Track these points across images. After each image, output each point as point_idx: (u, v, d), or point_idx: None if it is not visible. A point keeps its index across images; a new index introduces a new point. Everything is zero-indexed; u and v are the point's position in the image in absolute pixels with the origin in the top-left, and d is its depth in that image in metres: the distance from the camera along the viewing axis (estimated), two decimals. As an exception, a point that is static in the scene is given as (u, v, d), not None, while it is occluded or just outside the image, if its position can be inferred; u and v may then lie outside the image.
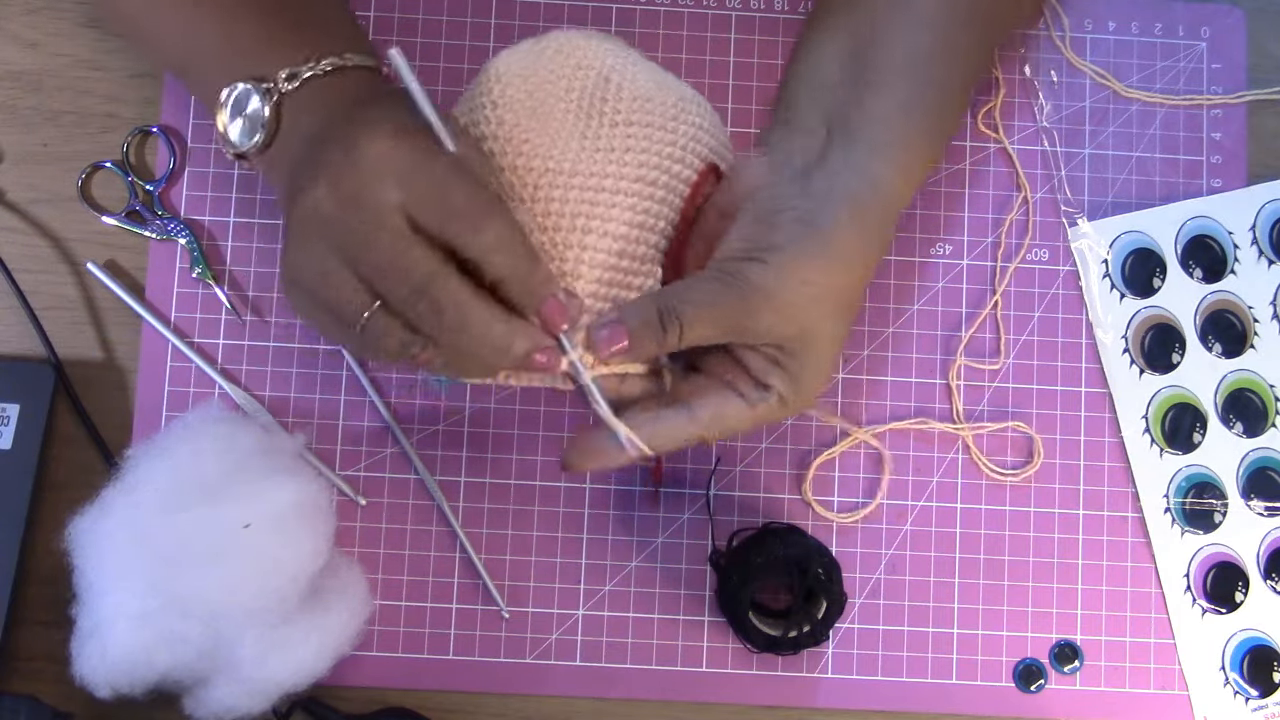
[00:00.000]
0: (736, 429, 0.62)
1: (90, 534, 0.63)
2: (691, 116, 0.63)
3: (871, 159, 0.63)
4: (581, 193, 0.60)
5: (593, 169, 0.60)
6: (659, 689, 0.70)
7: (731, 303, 0.59)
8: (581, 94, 0.61)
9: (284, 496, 0.63)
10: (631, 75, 0.62)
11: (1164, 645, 0.71)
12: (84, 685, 0.62)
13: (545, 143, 0.60)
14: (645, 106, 0.62)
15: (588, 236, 0.60)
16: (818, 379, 0.62)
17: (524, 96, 0.61)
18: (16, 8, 0.74)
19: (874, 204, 0.62)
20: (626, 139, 0.61)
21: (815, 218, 0.61)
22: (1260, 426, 0.73)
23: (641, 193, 0.61)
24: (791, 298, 0.60)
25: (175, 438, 0.66)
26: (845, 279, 0.61)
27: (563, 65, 0.62)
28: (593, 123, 0.61)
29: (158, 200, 0.72)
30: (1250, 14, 0.76)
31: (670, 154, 0.62)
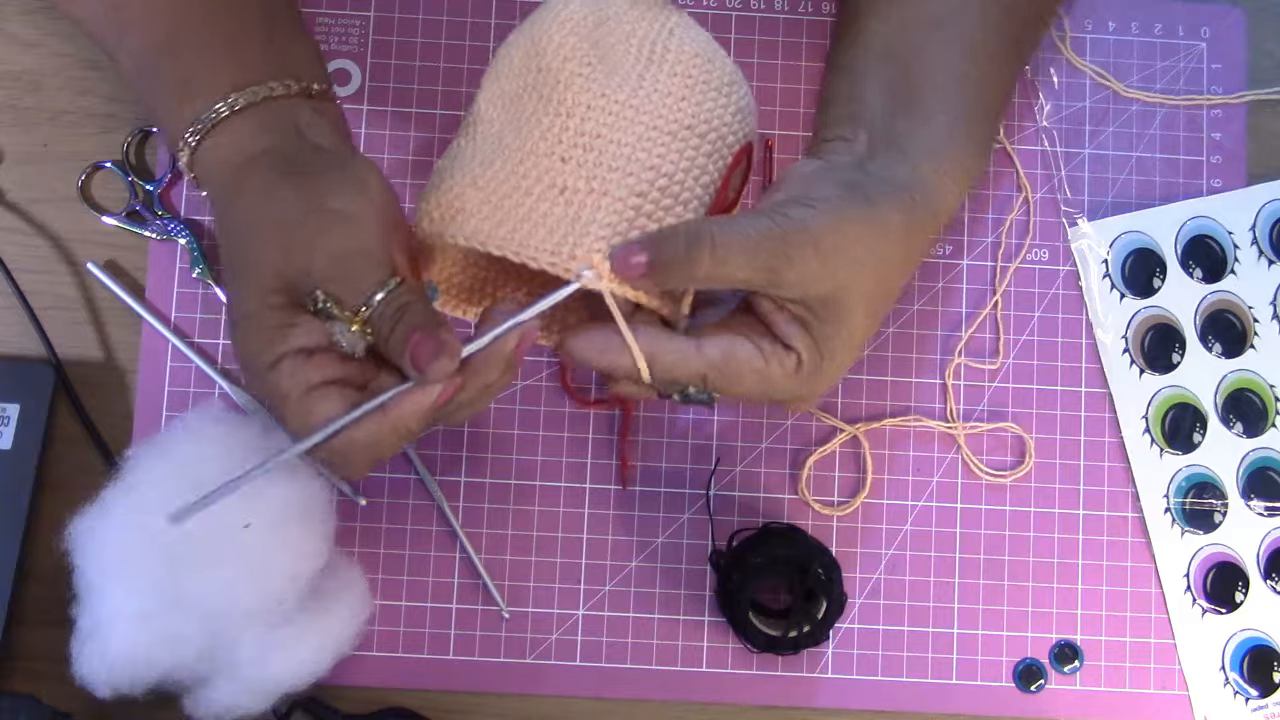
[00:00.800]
0: (746, 384, 0.59)
1: (90, 534, 0.63)
2: (741, 92, 0.64)
3: (922, 164, 0.63)
4: (632, 125, 0.59)
5: (647, 105, 0.60)
6: (659, 689, 0.70)
7: (773, 237, 0.56)
8: (645, 39, 0.62)
9: (284, 496, 0.63)
10: (694, 34, 0.63)
11: (1164, 645, 0.71)
12: (84, 685, 0.62)
13: (604, 70, 0.60)
14: (705, 66, 0.62)
15: (631, 165, 0.59)
16: (838, 358, 0.59)
17: (590, 26, 0.61)
18: (16, 8, 0.74)
19: (922, 202, 0.61)
20: (684, 88, 0.61)
21: (866, 189, 0.60)
22: (1260, 426, 0.73)
23: (690, 140, 0.60)
24: (832, 246, 0.57)
25: (175, 438, 0.65)
26: (889, 253, 0.60)
27: (629, 10, 0.62)
28: (651, 67, 0.61)
29: (158, 200, 0.72)
30: (1250, 14, 0.76)
31: (720, 116, 0.62)
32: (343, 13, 0.74)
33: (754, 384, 0.59)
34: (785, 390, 0.59)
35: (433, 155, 0.73)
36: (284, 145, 0.59)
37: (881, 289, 0.60)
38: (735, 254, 0.56)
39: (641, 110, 0.60)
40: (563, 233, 0.58)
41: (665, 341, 0.58)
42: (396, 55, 0.74)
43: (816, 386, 0.60)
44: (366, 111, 0.73)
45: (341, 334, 0.55)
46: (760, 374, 0.58)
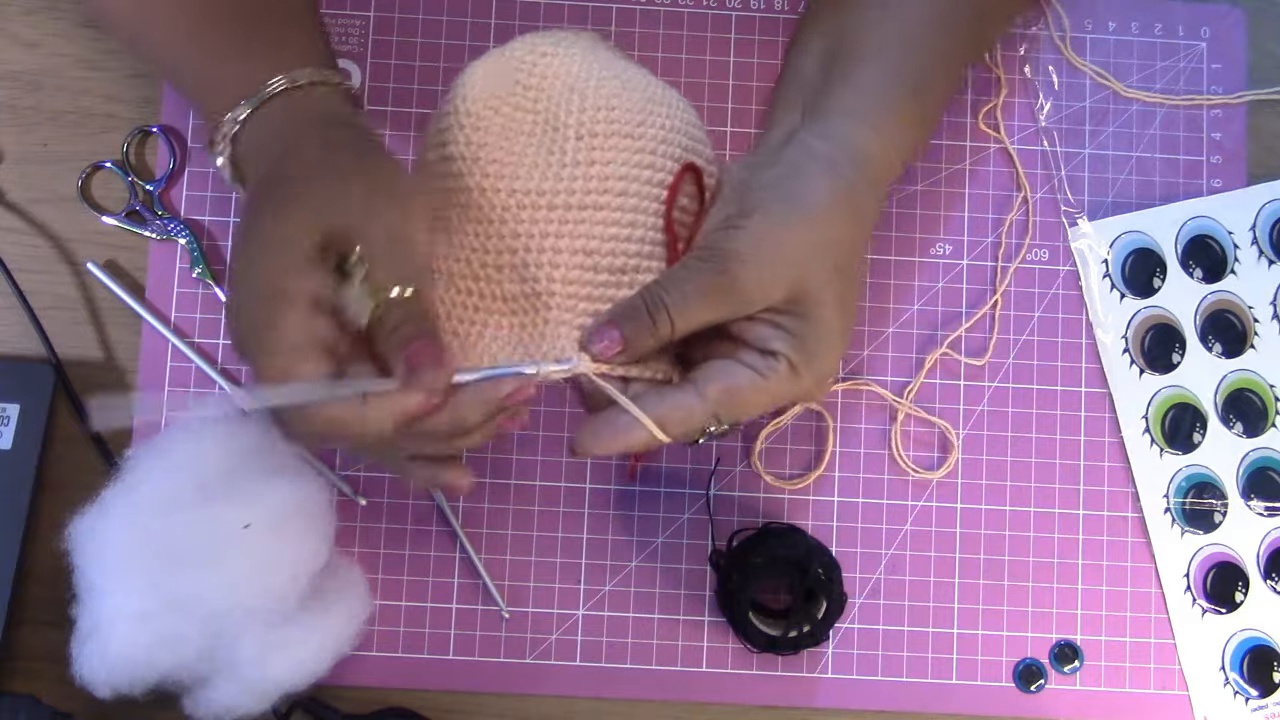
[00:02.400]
0: (753, 404, 0.60)
1: (90, 534, 0.63)
2: (659, 119, 0.63)
3: (843, 126, 0.63)
4: (549, 211, 0.61)
5: (559, 186, 0.61)
6: (659, 689, 0.70)
7: (712, 276, 0.59)
8: (548, 105, 0.62)
9: (284, 496, 0.63)
10: (597, 83, 0.62)
11: (1164, 645, 0.71)
12: (84, 685, 0.62)
13: (511, 162, 0.61)
14: (609, 115, 0.61)
15: (559, 255, 0.60)
16: (828, 345, 0.60)
17: (490, 114, 0.62)
18: (16, 8, 0.74)
19: (849, 165, 0.62)
20: (591, 151, 0.61)
21: (786, 182, 0.61)
22: (1260, 426, 0.73)
23: (610, 204, 0.61)
24: (770, 256, 0.59)
25: (175, 438, 0.65)
26: (828, 236, 0.60)
27: (529, 77, 0.62)
28: (558, 136, 0.61)
29: (158, 200, 0.72)
30: (1250, 14, 0.76)
31: (639, 160, 0.62)
32: (343, 13, 0.74)
33: (760, 401, 0.60)
34: (791, 393, 0.60)
35: (433, 155, 0.73)
36: (352, 121, 0.61)
37: (837, 265, 0.61)
38: (689, 305, 0.59)
39: (555, 194, 0.61)
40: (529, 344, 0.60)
41: (666, 401, 0.60)
42: (396, 55, 0.74)
43: (819, 377, 0.61)
44: (366, 112, 0.73)
45: (355, 298, 0.55)
46: (761, 390, 0.60)
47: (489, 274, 0.61)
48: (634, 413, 0.59)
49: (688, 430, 0.60)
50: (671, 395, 0.60)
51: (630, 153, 0.61)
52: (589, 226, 0.61)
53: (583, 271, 0.60)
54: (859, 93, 0.64)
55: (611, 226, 0.61)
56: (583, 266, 0.60)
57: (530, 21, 0.74)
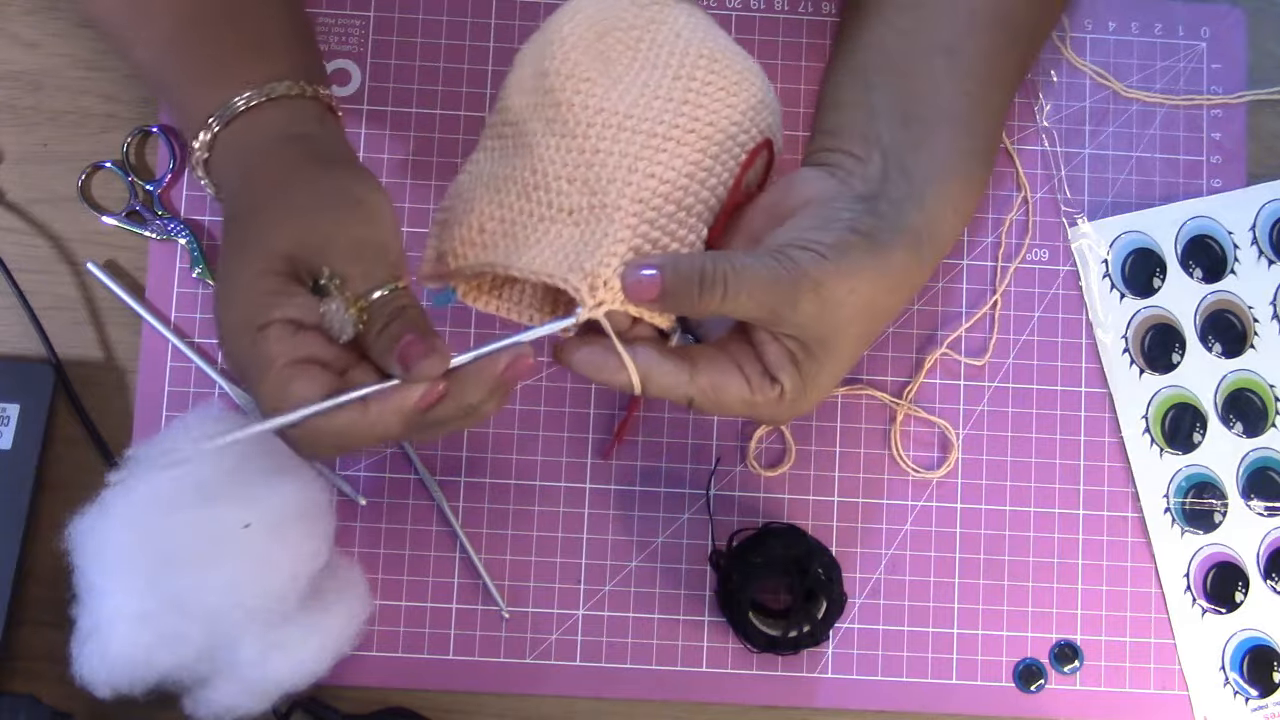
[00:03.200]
0: (732, 409, 0.61)
1: (90, 534, 0.63)
2: (755, 88, 0.63)
3: (929, 196, 0.63)
4: (633, 135, 0.60)
5: (648, 114, 0.61)
6: (659, 689, 0.70)
7: (781, 282, 0.58)
8: (651, 45, 0.62)
9: (283, 497, 0.63)
10: (704, 35, 0.63)
11: (1164, 645, 0.71)
12: (84, 685, 0.62)
13: (605, 84, 0.61)
14: (712, 66, 0.62)
15: (633, 175, 0.60)
16: (822, 389, 0.61)
17: (593, 38, 0.62)
18: (16, 8, 0.74)
19: (929, 238, 0.63)
20: (687, 92, 0.61)
21: (877, 234, 0.61)
22: (1260, 426, 0.73)
23: (694, 144, 0.61)
24: (836, 295, 0.59)
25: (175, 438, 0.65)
26: (888, 301, 0.62)
27: (635, 17, 0.63)
28: (656, 73, 0.62)
29: (158, 200, 0.72)
30: (1250, 14, 0.76)
31: (729, 115, 0.62)
32: (343, 13, 0.74)
33: (740, 410, 0.61)
34: (766, 416, 0.62)
35: (433, 155, 0.73)
36: (315, 136, 0.61)
37: (874, 328, 0.62)
38: (744, 295, 0.58)
39: (642, 119, 0.60)
40: (575, 257, 0.59)
41: (660, 363, 0.60)
42: (396, 55, 0.74)
43: (795, 412, 0.62)
44: (366, 111, 0.73)
45: (335, 314, 0.56)
46: (746, 403, 0.60)
47: (560, 186, 0.61)
48: (625, 359, 0.59)
49: (664, 395, 0.60)
50: (665, 363, 0.60)
51: (724, 106, 0.62)
52: (669, 157, 0.60)
53: (653, 196, 0.60)
54: (944, 166, 0.65)
55: (689, 165, 0.61)
56: (655, 192, 0.60)
57: (530, 21, 0.74)
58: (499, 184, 0.62)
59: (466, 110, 0.74)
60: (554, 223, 0.61)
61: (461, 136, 0.73)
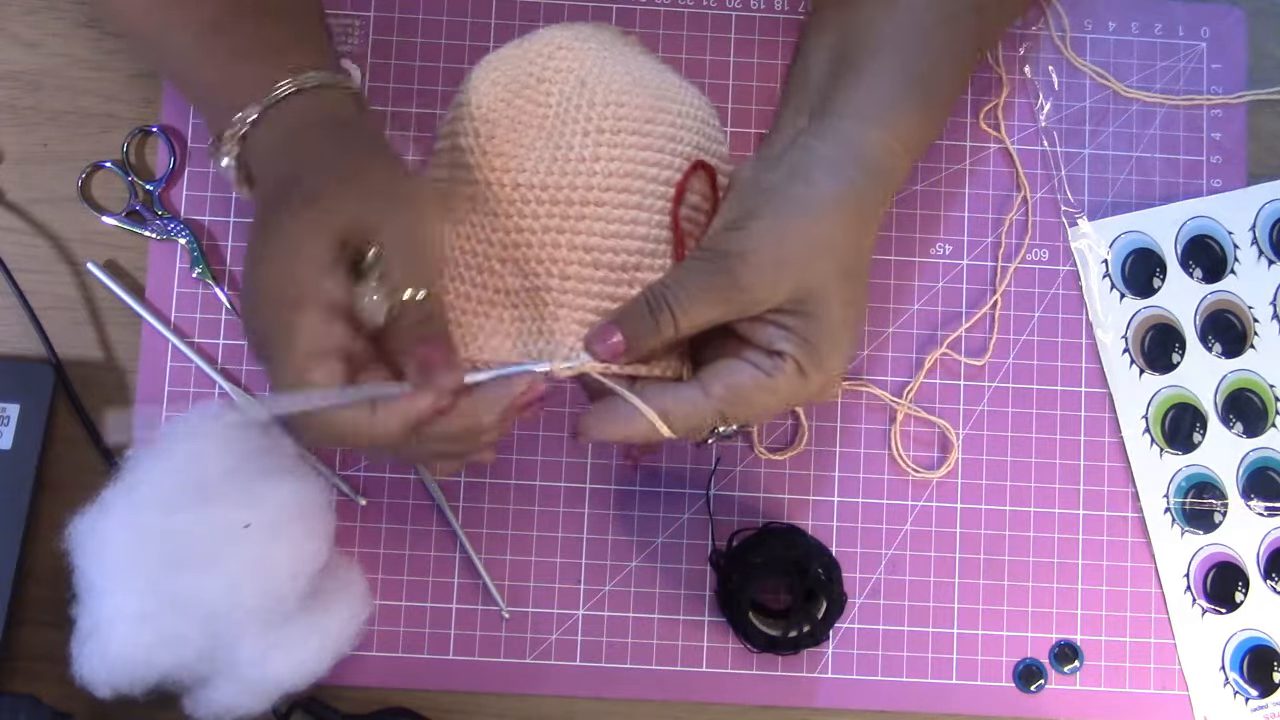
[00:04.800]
0: (759, 404, 0.60)
1: (90, 534, 0.63)
2: (669, 116, 0.63)
3: (846, 126, 0.63)
4: (552, 206, 0.61)
5: (562, 181, 0.61)
6: (659, 689, 0.70)
7: (716, 276, 0.59)
8: (559, 100, 0.62)
9: (284, 497, 0.63)
10: (609, 77, 0.62)
11: (1164, 645, 0.71)
12: (84, 685, 0.62)
13: (519, 155, 0.61)
14: (618, 112, 0.61)
15: (558, 250, 0.61)
16: (835, 344, 0.60)
17: (502, 106, 0.62)
18: (16, 8, 0.74)
19: (852, 165, 0.62)
20: (597, 147, 0.61)
21: (789, 184, 0.61)
22: (1260, 426, 0.73)
23: (612, 201, 0.61)
24: (773, 258, 0.59)
25: (175, 438, 0.65)
26: (834, 236, 0.60)
27: (542, 69, 0.62)
28: (566, 130, 0.61)
29: (158, 200, 0.72)
30: (1250, 14, 0.76)
31: (645, 158, 0.61)
32: (343, 13, 0.74)
33: (767, 401, 0.60)
34: (798, 394, 0.60)
35: (433, 155, 0.73)
36: (361, 125, 0.61)
37: (843, 267, 0.61)
38: (692, 305, 0.59)
39: (559, 189, 0.61)
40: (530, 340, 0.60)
41: (672, 395, 0.60)
42: (396, 55, 0.74)
43: (827, 376, 0.60)
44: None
45: (369, 299, 0.55)
46: (767, 389, 0.59)
47: (492, 267, 0.61)
48: (635, 403, 0.59)
49: (692, 426, 0.60)
50: (676, 390, 0.60)
51: (636, 149, 0.61)
52: (589, 223, 0.61)
53: (582, 268, 0.60)
54: (862, 92, 0.64)
55: (613, 224, 0.61)
56: (582, 263, 0.60)
57: (530, 21, 0.74)
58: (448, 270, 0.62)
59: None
60: (494, 306, 0.62)
61: (461, 136, 0.73)
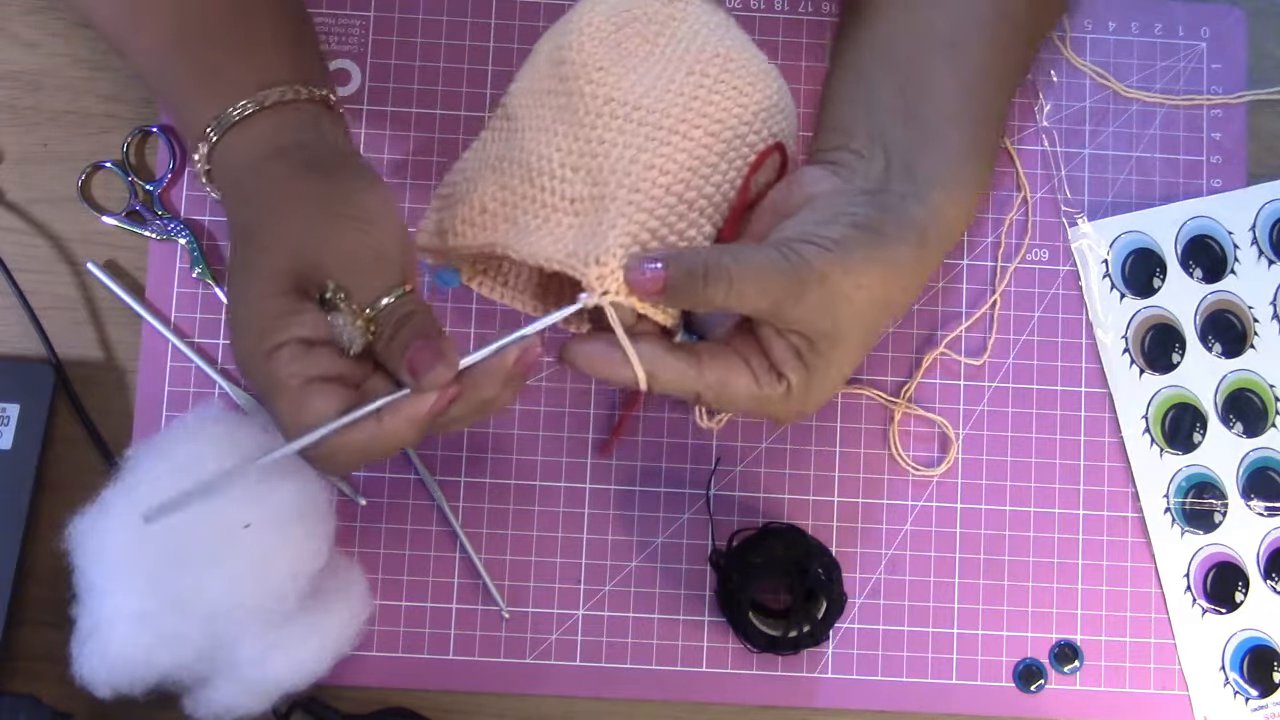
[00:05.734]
0: (739, 405, 0.61)
1: (90, 534, 0.63)
2: (769, 90, 0.63)
3: (934, 196, 0.63)
4: (639, 126, 0.60)
5: (656, 106, 0.61)
6: (659, 689, 0.70)
7: (785, 274, 0.57)
8: (670, 40, 0.63)
9: (284, 496, 0.63)
10: (720, 35, 0.63)
11: (1164, 645, 0.71)
12: (84, 685, 0.62)
13: (617, 74, 0.61)
14: (726, 65, 0.62)
15: (634, 166, 0.60)
16: (829, 385, 0.61)
17: (611, 29, 0.62)
18: (16, 8, 0.74)
19: (935, 239, 0.63)
20: (698, 89, 0.61)
21: (882, 229, 0.61)
22: (1260, 426, 0.73)
23: (700, 139, 0.61)
24: (840, 288, 0.58)
25: (175, 438, 0.65)
26: (893, 297, 0.61)
27: (659, 11, 0.63)
28: (670, 66, 0.62)
29: (158, 200, 0.72)
30: (1250, 14, 0.76)
31: (739, 115, 0.62)
32: (343, 13, 0.74)
33: (747, 406, 0.61)
34: (774, 412, 0.61)
35: (433, 155, 0.73)
36: (309, 144, 0.60)
37: (879, 322, 0.62)
38: (748, 288, 0.57)
39: (650, 111, 0.60)
40: (575, 246, 0.59)
41: (666, 358, 0.59)
42: (396, 55, 0.74)
43: (804, 409, 0.61)
44: (366, 111, 0.73)
45: (344, 327, 0.56)
46: (753, 398, 0.60)
47: (565, 174, 0.61)
48: (630, 354, 0.59)
49: (671, 392, 0.60)
50: (672, 356, 0.60)
51: (734, 105, 0.62)
52: (673, 150, 0.60)
53: (654, 187, 0.60)
54: (947, 161, 0.64)
55: (695, 160, 0.61)
56: (655, 183, 0.60)
57: (530, 21, 0.74)
58: (504, 166, 0.62)
59: (466, 110, 0.74)
60: (555, 210, 0.61)
61: (461, 136, 0.73)
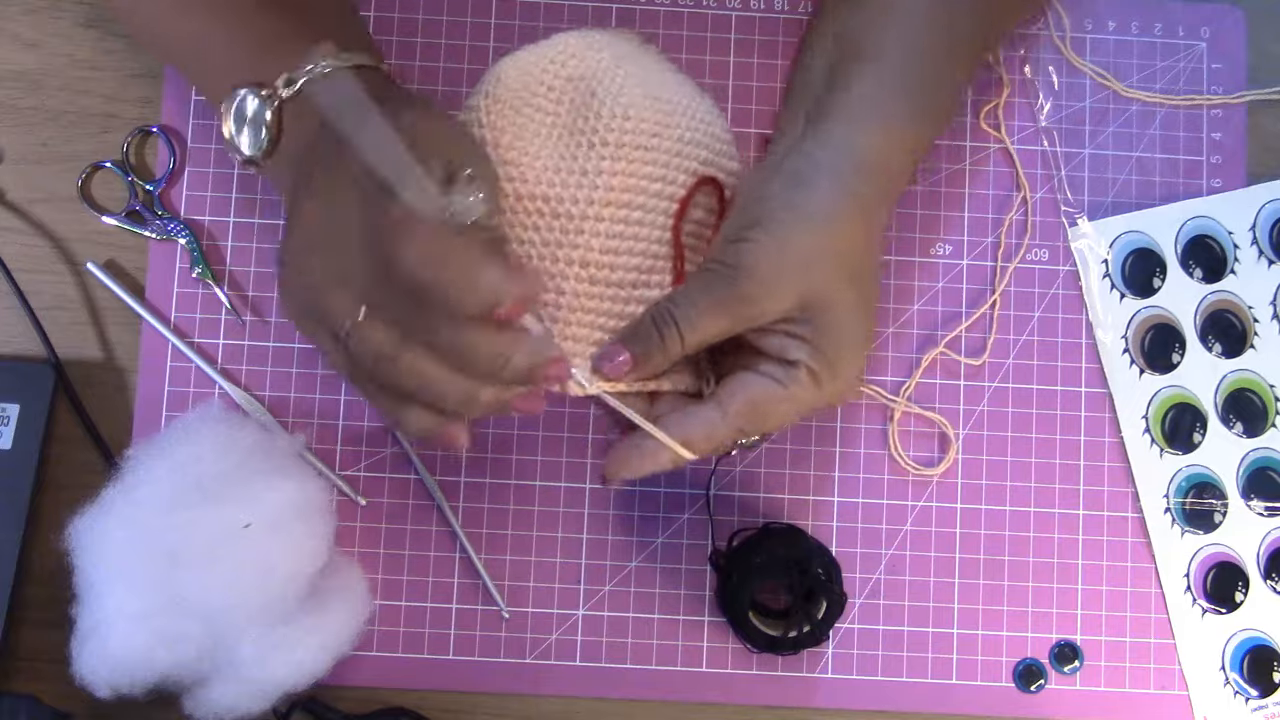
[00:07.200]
0: (778, 414, 0.61)
1: (90, 534, 0.63)
2: (678, 130, 0.63)
3: (844, 131, 0.63)
4: (551, 219, 0.61)
5: (564, 194, 0.61)
6: (659, 689, 0.70)
7: (722, 290, 0.59)
8: (569, 110, 0.62)
9: (284, 497, 0.63)
10: (619, 88, 0.62)
11: (1164, 645, 0.71)
12: (84, 685, 0.62)
13: (523, 164, 0.61)
14: (624, 125, 0.61)
15: (555, 265, 0.61)
16: (847, 350, 0.60)
17: (511, 114, 0.62)
18: (16, 8, 0.74)
19: (851, 171, 0.62)
20: (600, 161, 0.61)
21: (789, 192, 0.61)
22: (1260, 426, 0.73)
23: (613, 216, 0.61)
24: (776, 267, 0.59)
25: (175, 438, 0.66)
26: (838, 243, 0.60)
27: (554, 78, 0.62)
28: (572, 141, 0.61)
29: (158, 200, 0.72)
30: (1250, 14, 0.76)
31: (648, 173, 0.62)
32: (346, 13, 0.74)
33: (785, 411, 0.61)
34: (816, 401, 0.61)
35: (433, 155, 0.73)
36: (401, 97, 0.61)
37: (853, 269, 0.61)
38: (700, 320, 0.59)
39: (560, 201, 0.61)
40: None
41: (690, 420, 0.60)
42: (396, 55, 0.74)
43: (844, 381, 0.61)
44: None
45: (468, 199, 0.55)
46: (784, 399, 0.60)
47: None
48: (659, 437, 0.59)
49: (713, 446, 0.61)
50: (695, 414, 0.60)
51: (640, 164, 0.61)
52: (588, 238, 0.61)
53: (578, 283, 0.61)
54: (860, 97, 0.64)
55: (612, 239, 0.61)
56: (579, 278, 0.61)
57: (530, 21, 0.74)
58: None
59: (466, 110, 0.74)
60: None
61: (461, 136, 0.73)
